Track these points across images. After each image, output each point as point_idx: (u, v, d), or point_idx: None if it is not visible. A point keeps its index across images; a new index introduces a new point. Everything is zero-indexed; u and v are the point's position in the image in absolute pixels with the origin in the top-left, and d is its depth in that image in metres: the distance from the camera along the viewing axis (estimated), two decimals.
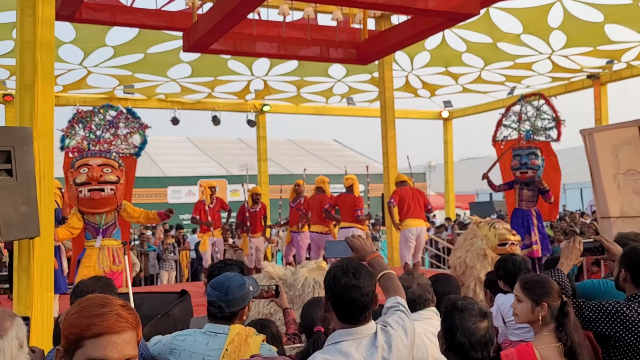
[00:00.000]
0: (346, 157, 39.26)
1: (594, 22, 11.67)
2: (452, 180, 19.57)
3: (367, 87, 16.43)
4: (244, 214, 11.20)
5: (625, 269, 3.17)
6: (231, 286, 2.96)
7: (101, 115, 8.07)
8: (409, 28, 8.88)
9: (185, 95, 16.46)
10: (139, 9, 9.31)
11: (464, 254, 6.50)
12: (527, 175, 9.64)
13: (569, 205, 28.81)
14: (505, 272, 4.18)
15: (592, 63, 14.38)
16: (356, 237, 2.90)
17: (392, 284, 2.69)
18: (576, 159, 26.52)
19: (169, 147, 35.29)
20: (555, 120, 10.37)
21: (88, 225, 7.56)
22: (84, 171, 7.44)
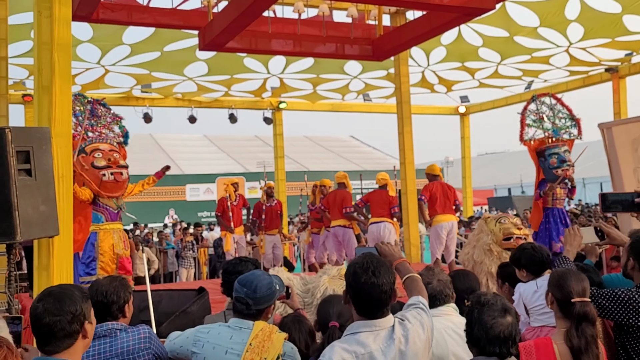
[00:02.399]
0: (363, 153, 39.25)
1: (611, 13, 11.55)
2: (469, 175, 19.47)
3: (383, 83, 16.40)
4: (260, 210, 11.15)
5: (634, 257, 3.24)
6: (260, 284, 3.01)
7: (79, 103, 7.98)
8: (425, 23, 8.85)
9: (202, 93, 16.55)
10: (155, 8, 9.36)
11: (472, 250, 6.51)
12: (569, 173, 9.59)
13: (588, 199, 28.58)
14: (529, 259, 4.11)
15: (611, 55, 14.22)
16: (385, 243, 3.02)
17: (416, 286, 2.81)
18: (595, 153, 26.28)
19: (186, 145, 35.52)
20: (573, 119, 10.33)
21: (103, 208, 7.53)
22: (99, 155, 7.46)
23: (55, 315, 2.24)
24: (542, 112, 10.40)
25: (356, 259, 2.63)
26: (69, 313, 2.26)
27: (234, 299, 3.03)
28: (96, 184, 7.39)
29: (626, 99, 15.19)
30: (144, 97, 16.23)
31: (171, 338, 3.12)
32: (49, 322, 2.23)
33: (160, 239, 14.72)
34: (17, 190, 4.54)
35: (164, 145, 33.95)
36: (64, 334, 2.26)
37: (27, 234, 4.67)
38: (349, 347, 2.43)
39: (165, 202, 26.99)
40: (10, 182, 4.51)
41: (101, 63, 13.34)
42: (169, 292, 7.82)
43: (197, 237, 15.02)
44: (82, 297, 2.35)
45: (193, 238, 14.61)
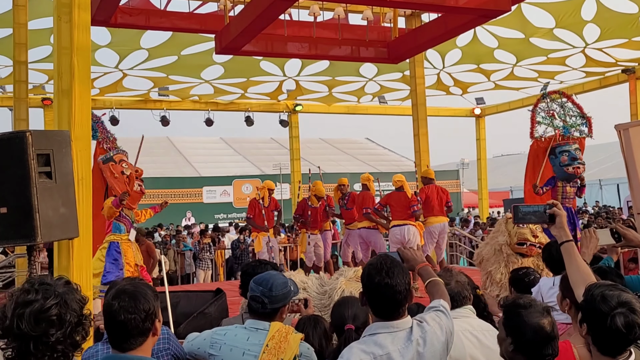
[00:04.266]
0: (379, 155, 39.18)
1: (628, 14, 11.49)
2: (485, 177, 19.41)
3: (398, 85, 16.40)
4: (304, 208, 11.03)
5: None
6: (275, 283, 3.05)
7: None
8: (440, 26, 8.85)
9: (218, 96, 16.65)
10: (172, 12, 9.46)
11: (484, 247, 6.56)
12: (580, 170, 9.55)
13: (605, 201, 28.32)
14: (549, 257, 4.24)
15: (627, 55, 14.12)
16: (407, 247, 3.01)
17: (438, 289, 2.80)
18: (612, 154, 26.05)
19: (203, 147, 35.66)
20: (584, 117, 10.26)
21: (124, 218, 7.61)
22: (126, 166, 7.55)
23: (130, 314, 2.28)
24: (552, 110, 10.35)
25: (371, 260, 2.65)
26: (143, 311, 2.31)
27: (250, 298, 3.06)
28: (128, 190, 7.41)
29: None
30: (161, 100, 16.38)
31: (189, 339, 3.16)
32: (124, 319, 2.27)
33: (177, 240, 14.83)
34: (38, 193, 4.61)
35: (181, 148, 34.13)
36: (138, 331, 2.30)
37: (48, 236, 4.74)
38: (366, 348, 2.45)
39: (182, 205, 27.10)
40: (31, 184, 4.58)
41: (119, 67, 13.50)
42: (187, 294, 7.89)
43: (214, 239, 15.11)
44: (154, 295, 2.40)
45: (210, 240, 14.70)
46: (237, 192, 29.78)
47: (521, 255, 6.33)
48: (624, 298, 2.38)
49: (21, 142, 4.60)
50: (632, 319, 2.33)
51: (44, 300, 2.04)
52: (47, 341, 2.01)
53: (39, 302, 2.03)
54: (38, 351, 2.01)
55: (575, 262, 2.86)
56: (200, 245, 14.39)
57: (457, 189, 31.33)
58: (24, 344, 2.01)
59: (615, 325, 2.32)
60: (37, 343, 2.01)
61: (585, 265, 2.87)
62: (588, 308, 2.42)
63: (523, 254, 6.33)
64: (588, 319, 2.42)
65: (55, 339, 2.02)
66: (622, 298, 2.38)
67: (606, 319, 2.33)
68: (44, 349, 2.02)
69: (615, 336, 2.32)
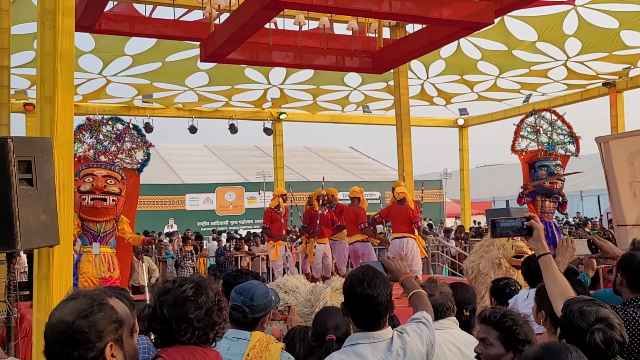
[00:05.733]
0: (363, 164, 39.30)
1: (609, 29, 11.65)
2: (468, 187, 19.52)
3: (382, 95, 16.47)
4: (312, 216, 10.80)
5: (622, 273, 3.25)
6: (256, 292, 3.06)
7: (109, 126, 8.33)
8: (424, 37, 8.91)
9: (203, 104, 16.61)
10: (157, 20, 9.44)
11: (478, 260, 6.54)
12: (557, 186, 9.64)
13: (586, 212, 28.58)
14: (527, 270, 4.29)
15: (608, 69, 14.32)
16: (391, 258, 3.03)
17: (421, 302, 2.82)
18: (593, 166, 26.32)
19: (187, 154, 35.55)
20: (572, 136, 10.40)
21: (87, 231, 7.92)
22: (88, 180, 7.84)
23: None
24: (539, 126, 10.47)
25: (353, 271, 2.66)
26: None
27: (231, 308, 3.05)
28: (77, 207, 7.65)
29: (623, 113, 15.27)
30: (145, 107, 16.31)
31: None
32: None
33: (159, 248, 14.74)
34: (18, 200, 4.57)
35: (164, 155, 33.96)
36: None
37: (28, 243, 4.70)
38: (347, 358, 2.46)
39: (164, 212, 26.97)
40: (11, 191, 4.55)
41: (103, 73, 13.43)
42: None
43: (196, 247, 15.04)
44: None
45: (192, 248, 14.63)
46: (220, 199, 29.69)
47: (517, 268, 6.35)
48: (602, 314, 2.39)
49: (2, 149, 4.57)
50: (611, 334, 2.34)
51: (180, 286, 2.34)
52: (187, 318, 2.28)
53: (176, 289, 2.33)
54: (180, 329, 2.28)
55: (552, 275, 2.89)
56: (182, 253, 14.31)
57: (440, 198, 31.48)
58: (168, 325, 2.29)
59: (594, 342, 2.33)
60: (179, 321, 2.28)
61: (563, 278, 2.90)
62: (567, 324, 2.44)
63: (518, 267, 6.35)
64: (567, 335, 2.44)
65: (195, 316, 2.28)
66: (601, 314, 2.39)
67: (585, 335, 2.35)
68: (185, 326, 2.28)
69: (594, 352, 2.33)
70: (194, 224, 26.60)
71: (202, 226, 27.67)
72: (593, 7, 10.80)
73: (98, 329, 1.79)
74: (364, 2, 7.06)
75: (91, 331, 1.77)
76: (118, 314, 1.86)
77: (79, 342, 1.76)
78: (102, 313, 1.81)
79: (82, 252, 7.89)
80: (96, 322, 1.79)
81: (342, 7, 7.12)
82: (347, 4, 7.04)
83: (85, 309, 1.80)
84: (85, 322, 1.77)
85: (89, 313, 1.79)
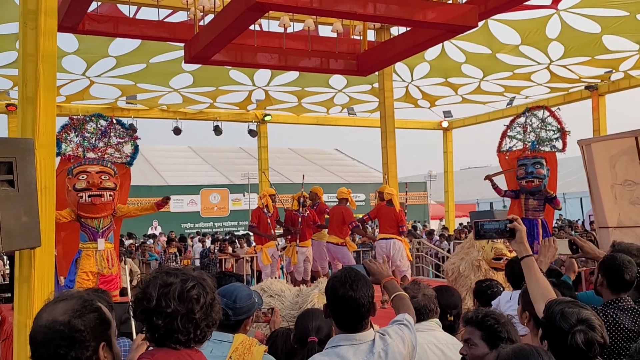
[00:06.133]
0: (348, 166, 39.35)
1: (591, 33, 11.77)
2: (452, 189, 19.62)
3: (367, 97, 16.51)
4: (294, 219, 10.73)
5: (603, 274, 3.29)
6: (240, 295, 3.06)
7: (93, 123, 8.37)
8: (409, 39, 8.94)
9: (187, 105, 16.56)
10: (141, 20, 9.39)
11: (459, 262, 6.58)
12: (533, 184, 9.70)
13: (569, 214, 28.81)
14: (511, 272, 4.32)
15: (590, 72, 14.48)
16: (372, 260, 3.03)
17: (403, 304, 2.83)
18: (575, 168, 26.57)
19: (171, 156, 35.40)
20: (560, 130, 10.44)
21: (85, 228, 7.95)
22: (83, 177, 7.82)
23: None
24: (529, 124, 10.54)
25: (335, 273, 2.67)
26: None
27: None
28: (74, 205, 7.80)
29: (605, 116, 15.44)
30: (129, 109, 16.23)
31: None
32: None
33: (143, 250, 14.67)
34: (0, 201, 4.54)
35: (148, 157, 33.78)
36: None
37: (9, 245, 4.66)
38: (328, 359, 2.47)
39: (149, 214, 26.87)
40: None
41: (86, 74, 13.34)
42: None
43: (180, 249, 14.98)
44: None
45: (176, 249, 14.57)
46: (205, 201, 29.60)
47: (496, 270, 6.39)
48: (583, 315, 2.42)
49: None
50: (592, 336, 2.37)
51: (183, 282, 2.15)
52: (193, 317, 2.12)
53: (179, 283, 2.14)
54: (185, 327, 2.11)
55: (535, 276, 2.91)
56: (166, 255, 14.25)
57: (424, 200, 31.60)
58: (171, 322, 2.09)
59: (575, 343, 2.35)
60: (184, 320, 2.10)
61: (545, 280, 2.92)
62: (548, 325, 2.46)
63: (497, 269, 6.39)
64: (549, 336, 2.46)
65: (199, 316, 2.13)
66: (582, 315, 2.42)
67: (566, 337, 2.37)
68: (190, 325, 2.12)
69: (575, 353, 2.36)
70: (178, 226, 26.50)
71: (186, 228, 27.57)
72: (576, 12, 10.90)
73: (92, 329, 1.81)
74: (349, 4, 7.07)
75: (87, 330, 1.79)
76: (106, 315, 1.88)
77: (77, 341, 1.78)
78: (94, 313, 1.83)
79: (82, 248, 7.92)
80: (90, 322, 1.81)
81: (326, 9, 7.13)
82: (331, 6, 7.06)
83: (79, 309, 1.81)
84: (80, 321, 1.79)
85: (83, 313, 1.81)
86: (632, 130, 8.07)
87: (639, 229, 8.10)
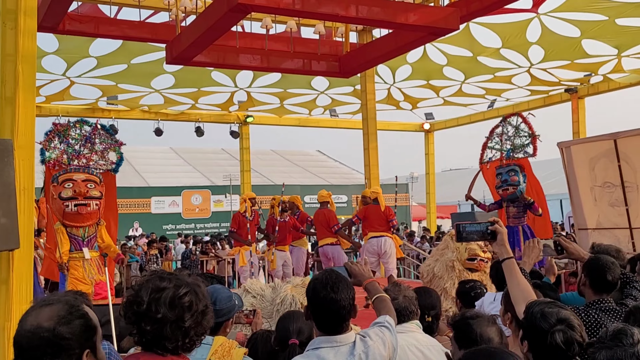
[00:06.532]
0: (330, 167, 39.34)
1: (571, 37, 11.90)
2: (433, 191, 19.72)
3: (349, 99, 16.55)
4: (273, 224, 10.80)
5: (586, 274, 3.33)
6: (219, 297, 3.04)
7: (77, 129, 8.26)
8: (391, 42, 8.97)
9: (169, 106, 16.47)
10: (123, 21, 9.33)
11: (434, 263, 6.61)
12: (508, 192, 9.78)
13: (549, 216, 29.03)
14: (495, 274, 4.35)
15: (570, 76, 14.64)
16: (354, 262, 3.04)
17: (384, 306, 2.83)
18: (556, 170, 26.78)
19: (152, 157, 35.15)
20: (531, 135, 10.53)
21: (71, 237, 7.81)
22: (68, 186, 7.69)
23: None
24: (504, 133, 10.63)
25: (317, 275, 2.67)
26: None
27: None
28: (60, 214, 7.68)
29: (585, 118, 15.63)
30: (109, 109, 16.11)
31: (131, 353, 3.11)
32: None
33: (123, 252, 14.54)
34: None
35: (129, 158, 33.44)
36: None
37: None
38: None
39: (130, 215, 26.61)
40: None
41: (67, 75, 13.22)
42: None
43: (161, 250, 14.88)
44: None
45: (157, 251, 14.48)
46: (186, 202, 29.44)
47: (470, 270, 6.43)
48: (562, 315, 2.44)
49: None
50: (571, 335, 2.39)
51: (177, 288, 2.10)
52: (182, 325, 2.07)
53: (172, 289, 2.09)
54: (174, 335, 2.07)
55: (515, 278, 2.93)
56: (147, 256, 14.15)
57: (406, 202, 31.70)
58: (160, 328, 2.05)
59: (555, 342, 2.37)
60: (174, 327, 2.06)
61: (526, 282, 2.95)
62: (528, 325, 2.48)
63: (471, 269, 6.43)
64: (529, 336, 2.48)
65: (189, 324, 2.09)
66: (561, 315, 2.44)
67: (546, 336, 2.39)
68: (178, 333, 2.08)
69: (555, 352, 2.38)
70: (159, 228, 26.33)
71: (167, 229, 27.40)
72: (555, 16, 11.01)
73: (78, 336, 1.79)
74: (331, 6, 7.08)
75: (73, 338, 1.77)
76: (92, 321, 1.86)
77: (62, 349, 1.76)
78: (80, 320, 1.81)
79: (70, 258, 7.77)
80: (76, 329, 1.79)
81: (309, 10, 7.13)
82: (314, 8, 7.06)
83: (65, 315, 1.79)
84: (66, 328, 1.77)
85: (70, 319, 1.79)
86: (610, 133, 8.17)
87: (618, 231, 8.22)
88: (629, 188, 8.00)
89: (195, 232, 26.94)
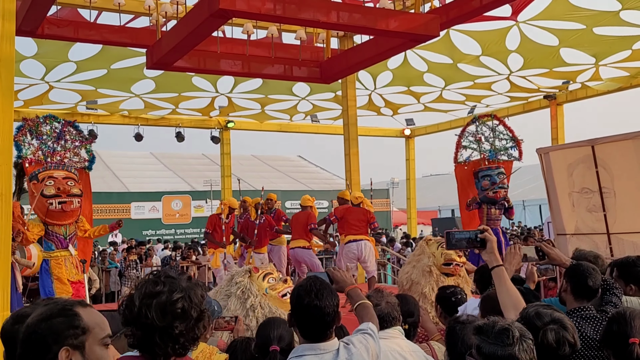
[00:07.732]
0: (311, 173, 39.35)
1: (549, 46, 12.04)
2: (414, 196, 19.79)
3: (330, 105, 16.57)
4: (249, 226, 10.74)
5: (568, 280, 3.35)
6: None
7: (47, 125, 8.22)
8: (372, 48, 9.01)
9: (149, 111, 16.37)
10: (102, 25, 9.28)
11: (411, 270, 6.60)
12: (501, 194, 9.84)
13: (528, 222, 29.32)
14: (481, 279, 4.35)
15: (549, 83, 14.81)
16: (336, 269, 3.03)
17: (367, 313, 2.82)
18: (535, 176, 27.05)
19: (132, 162, 34.88)
20: (514, 140, 10.61)
21: (52, 236, 7.75)
22: (50, 183, 7.61)
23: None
24: (481, 134, 10.67)
25: (300, 281, 2.67)
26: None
27: None
28: (43, 212, 7.59)
29: (563, 125, 15.80)
30: (89, 114, 15.96)
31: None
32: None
33: (102, 257, 14.42)
34: None
35: (109, 163, 33.25)
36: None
37: None
38: None
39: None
40: None
41: (45, 79, 13.10)
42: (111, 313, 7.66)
43: (141, 255, 14.77)
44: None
45: (137, 257, 14.37)
46: (167, 208, 29.28)
47: (446, 275, 6.46)
48: (557, 316, 2.52)
49: None
50: (563, 335, 2.44)
51: (170, 293, 2.08)
52: (172, 333, 2.05)
53: (165, 294, 2.07)
54: (162, 342, 2.06)
55: (505, 286, 2.95)
56: (126, 262, 14.04)
57: (387, 207, 31.78)
58: (150, 334, 2.05)
59: (547, 340, 2.42)
60: (163, 334, 2.05)
61: (515, 290, 2.97)
62: (522, 324, 2.52)
63: (447, 274, 6.46)
64: None
65: (179, 331, 2.07)
66: (555, 316, 2.51)
67: (538, 334, 2.43)
68: (167, 340, 2.06)
69: (546, 351, 2.41)
70: (139, 233, 26.13)
71: (147, 235, 27.20)
72: (534, 24, 11.13)
73: (56, 333, 1.82)
74: (312, 12, 7.10)
75: (48, 334, 1.82)
76: (82, 321, 1.88)
77: (37, 344, 1.82)
78: (62, 318, 1.85)
79: (49, 257, 7.72)
80: (54, 326, 1.83)
81: (290, 16, 7.14)
82: (295, 14, 7.07)
83: (48, 314, 1.85)
84: (44, 324, 1.83)
85: (50, 317, 1.85)
86: (588, 140, 8.25)
87: (596, 236, 8.29)
88: (607, 194, 8.07)
89: (175, 237, 26.78)
